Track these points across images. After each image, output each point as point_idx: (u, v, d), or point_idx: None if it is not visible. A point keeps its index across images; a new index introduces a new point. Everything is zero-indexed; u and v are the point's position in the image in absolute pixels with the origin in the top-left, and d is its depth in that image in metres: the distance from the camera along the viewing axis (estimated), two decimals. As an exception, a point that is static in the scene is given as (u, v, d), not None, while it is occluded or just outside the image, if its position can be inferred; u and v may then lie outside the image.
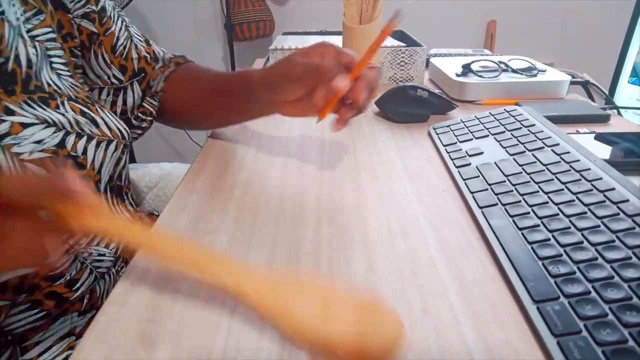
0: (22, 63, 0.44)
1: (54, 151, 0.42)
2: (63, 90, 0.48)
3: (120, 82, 0.57)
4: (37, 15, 0.47)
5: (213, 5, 2.00)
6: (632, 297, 0.29)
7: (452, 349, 0.29)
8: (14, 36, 0.43)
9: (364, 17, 0.75)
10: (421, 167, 0.53)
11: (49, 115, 0.44)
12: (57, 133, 0.43)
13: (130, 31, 0.58)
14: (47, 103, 0.45)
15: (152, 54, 0.61)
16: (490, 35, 2.00)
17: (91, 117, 0.48)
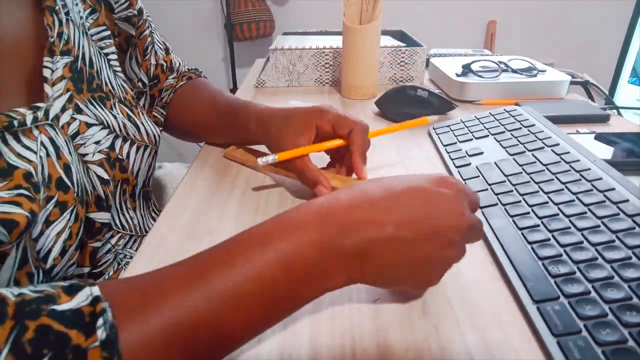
0: (87, 62, 0.45)
1: (107, 153, 0.44)
2: (116, 90, 0.49)
3: (144, 87, 0.59)
4: (92, 14, 0.49)
5: (213, 5, 2.00)
6: (632, 297, 0.29)
7: (452, 349, 0.29)
8: (79, 35, 0.45)
9: (364, 17, 0.75)
10: (421, 167, 0.53)
11: (105, 117, 0.45)
12: (109, 135, 0.45)
13: (154, 37, 0.59)
14: (104, 103, 0.46)
15: (169, 63, 0.61)
16: (490, 35, 2.00)
17: (135, 122, 0.49)
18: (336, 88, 0.85)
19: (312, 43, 0.88)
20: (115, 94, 0.49)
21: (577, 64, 1.93)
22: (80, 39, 0.44)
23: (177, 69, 0.63)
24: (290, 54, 0.84)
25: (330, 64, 0.85)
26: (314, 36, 0.98)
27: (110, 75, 0.49)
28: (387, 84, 0.87)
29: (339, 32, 0.97)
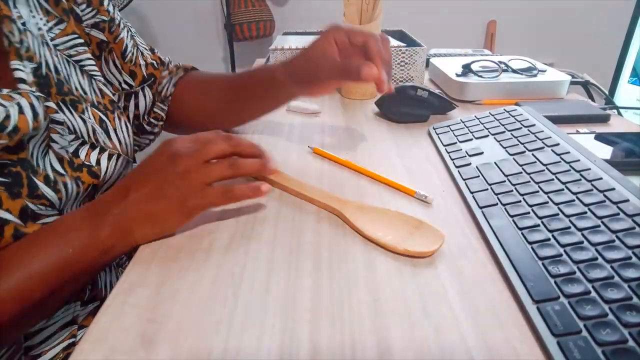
0: (52, 69, 0.46)
1: (70, 158, 0.45)
2: (88, 95, 0.50)
3: (130, 87, 0.58)
4: (58, 24, 0.49)
5: (213, 5, 2.00)
6: (632, 297, 0.29)
7: (452, 349, 0.29)
8: (39, 45, 0.45)
9: (364, 17, 0.75)
10: (421, 167, 0.53)
11: (73, 122, 0.46)
12: (73, 142, 0.45)
13: (136, 40, 0.60)
14: (75, 106, 0.47)
15: (157, 60, 0.62)
16: (490, 35, 2.00)
17: (106, 128, 0.50)
18: (336, 88, 0.85)
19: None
20: (87, 98, 0.49)
21: (577, 64, 1.93)
22: (39, 47, 0.45)
23: (167, 64, 0.63)
24: (291, 54, 0.83)
25: (330, 64, 0.85)
26: (314, 36, 0.98)
27: (82, 81, 0.50)
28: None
29: (339, 32, 0.97)
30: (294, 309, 0.32)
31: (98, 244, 0.37)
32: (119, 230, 0.37)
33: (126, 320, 0.31)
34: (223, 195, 0.39)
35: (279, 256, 0.38)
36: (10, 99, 0.38)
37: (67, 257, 0.36)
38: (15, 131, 0.37)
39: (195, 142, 0.40)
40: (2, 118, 0.36)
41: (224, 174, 0.39)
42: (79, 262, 0.36)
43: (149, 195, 0.38)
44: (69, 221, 0.38)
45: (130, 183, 0.40)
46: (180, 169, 0.38)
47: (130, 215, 0.38)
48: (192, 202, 0.38)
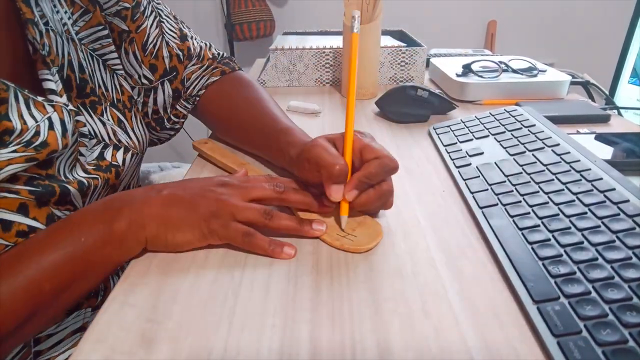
0: (75, 68, 0.45)
1: (96, 164, 0.45)
2: (110, 92, 0.49)
3: (150, 82, 0.55)
4: (83, 15, 0.48)
5: (213, 5, 2.00)
6: (632, 297, 0.29)
7: (452, 349, 0.29)
8: (63, 43, 0.44)
9: (364, 17, 0.75)
10: (421, 167, 0.53)
11: (93, 126, 0.46)
12: (96, 147, 0.46)
13: (164, 27, 0.56)
14: (95, 108, 0.46)
15: (185, 50, 0.58)
16: (490, 35, 2.00)
17: (125, 127, 0.49)
18: (336, 88, 0.85)
19: (312, 43, 0.88)
20: (108, 96, 0.48)
21: (577, 64, 1.93)
22: (64, 46, 0.44)
23: (197, 54, 0.59)
24: (291, 54, 0.84)
25: (331, 64, 0.85)
26: (314, 36, 0.98)
27: (104, 77, 0.49)
28: (387, 84, 0.87)
29: (339, 32, 0.97)
30: (294, 309, 0.32)
31: (111, 235, 0.35)
32: (133, 224, 0.36)
33: (126, 320, 0.31)
34: (242, 237, 0.37)
35: (279, 256, 0.38)
36: (44, 111, 0.38)
37: (79, 247, 0.34)
38: (43, 146, 0.37)
39: (246, 180, 0.41)
40: (32, 135, 0.36)
41: (254, 218, 0.38)
42: (91, 254, 0.35)
43: (179, 199, 0.38)
44: (86, 211, 0.37)
45: (169, 185, 0.39)
46: (221, 191, 0.39)
47: (149, 211, 0.37)
48: (214, 226, 0.37)
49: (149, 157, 0.64)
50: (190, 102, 0.60)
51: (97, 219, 0.36)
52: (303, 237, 0.40)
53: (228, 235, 0.37)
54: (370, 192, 0.39)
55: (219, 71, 0.60)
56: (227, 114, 0.58)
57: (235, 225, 0.37)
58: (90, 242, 0.35)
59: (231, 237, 0.37)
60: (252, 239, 0.37)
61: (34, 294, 0.32)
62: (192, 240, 0.37)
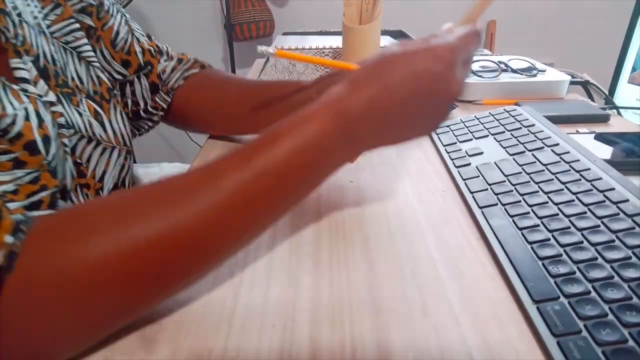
0: (49, 60, 0.45)
1: None
2: (84, 84, 0.48)
3: (124, 77, 0.56)
4: (54, 10, 0.48)
5: (213, 5, 2.00)
6: (632, 297, 0.29)
7: (452, 349, 0.29)
8: (35, 35, 0.44)
9: (364, 17, 0.75)
10: (421, 167, 0.53)
11: (71, 115, 0.45)
12: (73, 137, 0.45)
13: (131, 26, 0.57)
14: (71, 99, 0.46)
15: (155, 47, 0.59)
16: (490, 35, 2.00)
17: (101, 120, 0.48)
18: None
19: (312, 43, 0.88)
20: (82, 88, 0.48)
21: (577, 63, 1.93)
22: (37, 38, 0.44)
23: (166, 52, 0.61)
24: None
25: (330, 64, 0.85)
26: (314, 36, 0.98)
27: (79, 69, 0.48)
28: (387, 84, 0.87)
29: (339, 32, 0.97)
30: (293, 309, 0.32)
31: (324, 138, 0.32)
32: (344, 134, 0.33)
33: (126, 320, 0.31)
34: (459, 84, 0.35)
35: (279, 256, 0.38)
36: (20, 100, 0.37)
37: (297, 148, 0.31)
38: (18, 137, 0.36)
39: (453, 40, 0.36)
40: (8, 123, 0.36)
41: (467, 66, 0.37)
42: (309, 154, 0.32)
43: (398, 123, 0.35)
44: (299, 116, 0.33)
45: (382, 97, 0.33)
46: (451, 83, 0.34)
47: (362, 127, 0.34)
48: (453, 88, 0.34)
49: (149, 157, 0.64)
50: (170, 95, 0.60)
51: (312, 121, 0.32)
52: None
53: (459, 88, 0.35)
54: None
55: (198, 65, 0.61)
56: (218, 100, 0.58)
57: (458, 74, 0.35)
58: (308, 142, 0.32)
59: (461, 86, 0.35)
60: None
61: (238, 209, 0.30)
62: None
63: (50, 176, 0.38)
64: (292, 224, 0.42)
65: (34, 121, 0.38)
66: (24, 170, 0.37)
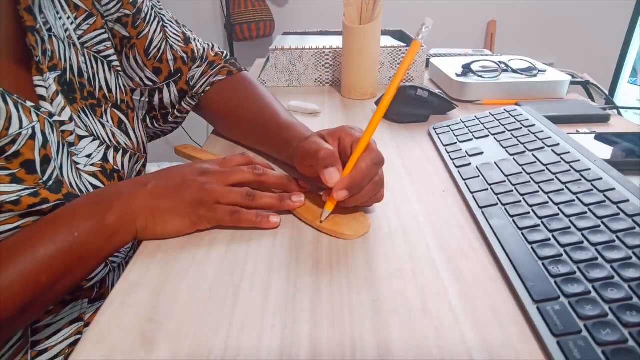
0: (75, 73, 0.46)
1: (102, 165, 0.46)
2: (113, 93, 0.50)
3: (154, 84, 0.58)
4: (87, 19, 0.49)
5: (213, 5, 2.00)
6: (632, 297, 0.29)
7: (452, 349, 0.29)
8: (65, 48, 0.45)
9: (364, 17, 0.75)
10: (421, 167, 0.53)
11: (95, 127, 0.47)
12: (100, 147, 0.47)
13: (167, 32, 0.58)
14: (95, 111, 0.47)
15: (189, 53, 0.60)
16: (490, 35, 2.00)
17: (125, 129, 0.50)
18: (336, 88, 0.86)
19: (312, 43, 0.88)
20: (110, 98, 0.49)
21: (577, 64, 1.93)
22: (66, 52, 0.45)
23: (201, 56, 0.61)
24: (291, 54, 0.84)
25: (330, 64, 0.85)
26: (314, 36, 0.98)
27: (109, 78, 0.50)
28: (387, 84, 0.87)
29: (339, 32, 0.97)
30: (294, 309, 0.32)
31: (103, 228, 0.37)
32: (123, 217, 0.38)
33: (126, 320, 0.31)
34: (230, 215, 0.40)
35: (279, 256, 0.38)
36: (30, 118, 0.39)
37: (73, 241, 0.35)
38: (15, 156, 0.38)
39: (222, 164, 0.43)
40: (6, 142, 0.37)
41: (238, 200, 0.40)
42: (84, 246, 0.36)
43: (164, 191, 0.39)
44: (77, 205, 0.38)
45: (152, 177, 0.41)
46: (203, 180, 0.40)
47: (138, 204, 0.38)
48: (201, 212, 0.39)
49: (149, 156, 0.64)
50: (194, 99, 0.61)
51: (89, 213, 0.37)
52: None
53: (216, 218, 0.40)
54: (367, 187, 0.40)
55: (225, 71, 0.61)
56: (229, 110, 0.60)
57: (220, 207, 0.40)
58: (83, 236, 0.36)
59: (219, 219, 0.40)
60: (239, 215, 0.40)
61: (30, 285, 0.33)
62: (182, 228, 0.39)
63: (49, 192, 0.39)
64: (292, 224, 0.42)
65: (39, 140, 0.39)
66: (22, 186, 0.38)
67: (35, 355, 0.42)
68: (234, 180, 0.41)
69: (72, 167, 0.43)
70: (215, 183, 0.40)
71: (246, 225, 0.40)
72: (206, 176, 0.41)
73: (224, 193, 0.40)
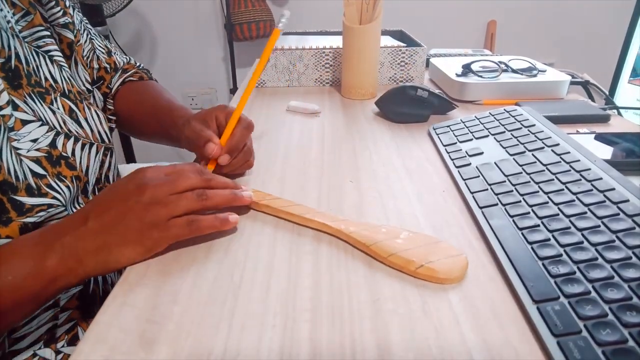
0: (22, 60, 0.46)
1: (48, 151, 0.45)
2: (59, 83, 0.50)
3: (88, 91, 0.60)
4: (25, 16, 0.49)
5: (213, 5, 2.00)
6: (632, 297, 0.29)
7: (452, 349, 0.29)
8: (8, 37, 0.45)
9: (364, 17, 0.75)
10: (421, 167, 0.53)
11: (44, 113, 0.46)
12: (49, 133, 0.45)
13: (94, 43, 0.62)
14: (44, 98, 0.47)
15: (112, 64, 0.65)
16: (490, 35, 2.00)
17: (76, 118, 0.50)
18: (336, 88, 0.85)
19: (312, 43, 0.88)
20: (57, 87, 0.49)
21: (577, 64, 1.93)
22: (9, 40, 0.45)
23: (121, 67, 0.67)
24: (290, 54, 0.84)
25: (330, 64, 0.85)
26: (314, 36, 0.98)
27: (52, 70, 0.50)
28: (387, 84, 0.87)
29: (339, 32, 0.97)
30: (294, 309, 0.32)
31: (42, 273, 0.34)
32: (66, 261, 0.35)
33: (126, 320, 0.31)
34: (188, 226, 0.37)
35: (279, 256, 0.38)
36: None
37: (7, 284, 0.33)
38: None
39: (167, 173, 0.39)
40: None
41: (191, 205, 0.37)
42: (20, 290, 0.34)
43: (107, 224, 0.36)
44: (16, 246, 0.36)
45: (90, 210, 0.37)
46: (145, 198, 0.36)
47: (82, 245, 0.35)
48: (154, 235, 0.36)
49: (148, 156, 0.64)
50: (112, 98, 0.65)
51: (28, 254, 0.35)
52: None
53: (172, 235, 0.37)
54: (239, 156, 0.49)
55: (138, 75, 0.68)
56: (137, 105, 0.65)
57: (174, 222, 0.37)
58: (19, 279, 0.34)
59: (177, 235, 0.37)
60: (198, 224, 0.37)
61: None
62: (136, 257, 0.36)
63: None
64: (293, 224, 0.42)
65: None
66: None
67: (12, 342, 0.42)
68: (180, 188, 0.38)
69: (12, 152, 0.41)
70: (159, 198, 0.37)
71: (208, 231, 0.38)
72: (149, 191, 0.37)
73: (174, 204, 0.37)
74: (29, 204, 0.41)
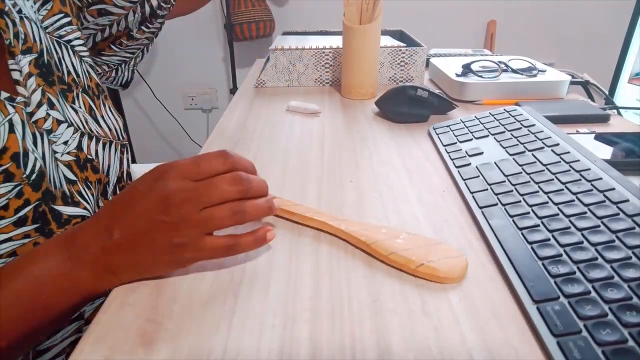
0: (53, 54, 0.44)
1: (76, 154, 0.44)
2: (81, 77, 0.48)
3: None
4: (44, 4, 0.47)
5: (213, 5, 1.99)
6: (632, 297, 0.29)
7: (452, 349, 0.29)
8: (38, 30, 0.44)
9: (364, 17, 0.75)
10: (421, 167, 0.53)
11: (68, 113, 0.45)
12: (75, 134, 0.45)
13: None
14: (66, 96, 0.45)
15: None
16: (490, 35, 2.00)
17: (95, 116, 0.48)
18: (336, 88, 0.85)
19: (312, 43, 0.88)
20: (79, 82, 0.48)
21: (577, 64, 1.93)
22: (39, 33, 0.43)
23: None
24: (290, 54, 0.84)
25: (330, 64, 0.85)
26: (314, 36, 0.98)
27: (75, 62, 0.49)
28: (387, 84, 0.87)
29: (339, 32, 0.97)
30: (294, 309, 0.32)
31: (80, 288, 0.33)
32: (102, 273, 0.33)
33: (126, 320, 0.31)
34: (225, 250, 0.34)
35: (279, 256, 0.38)
36: (5, 111, 0.37)
37: (41, 305, 0.32)
38: (4, 151, 0.36)
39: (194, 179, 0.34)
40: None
41: (225, 223, 0.33)
42: (55, 307, 0.33)
43: (135, 243, 0.33)
44: (44, 266, 0.33)
45: (114, 222, 0.33)
46: (173, 218, 0.32)
47: (115, 262, 0.33)
48: (187, 256, 0.33)
49: (148, 156, 0.64)
50: None
51: (58, 271, 0.33)
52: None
53: (207, 256, 0.34)
54: None
55: None
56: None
57: (207, 241, 0.33)
58: (52, 300, 0.33)
59: (212, 256, 0.34)
60: (237, 248, 0.34)
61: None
62: (171, 271, 0.35)
63: (31, 190, 0.38)
64: (293, 224, 0.42)
65: (19, 133, 0.38)
66: (12, 183, 0.37)
67: (36, 355, 0.42)
68: (211, 202, 0.33)
69: (52, 156, 0.41)
70: (188, 216, 0.32)
71: (246, 251, 0.36)
72: (175, 210, 0.32)
73: (205, 223, 0.33)
74: (66, 214, 0.41)
